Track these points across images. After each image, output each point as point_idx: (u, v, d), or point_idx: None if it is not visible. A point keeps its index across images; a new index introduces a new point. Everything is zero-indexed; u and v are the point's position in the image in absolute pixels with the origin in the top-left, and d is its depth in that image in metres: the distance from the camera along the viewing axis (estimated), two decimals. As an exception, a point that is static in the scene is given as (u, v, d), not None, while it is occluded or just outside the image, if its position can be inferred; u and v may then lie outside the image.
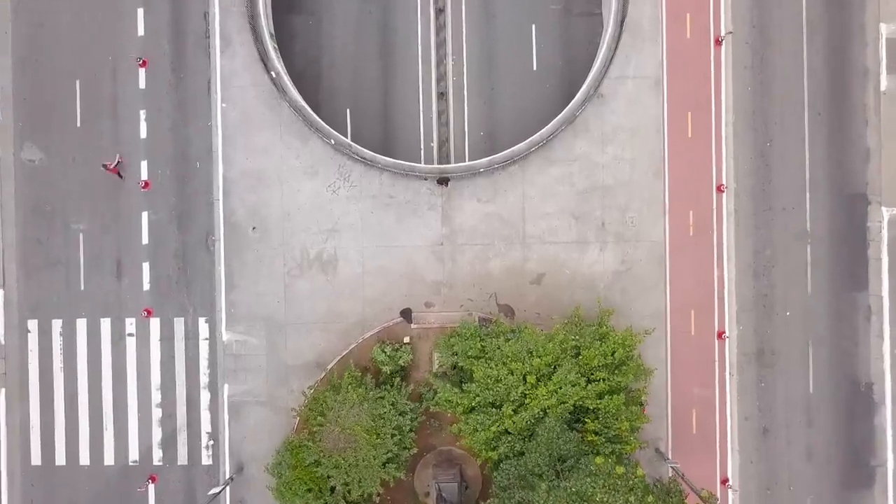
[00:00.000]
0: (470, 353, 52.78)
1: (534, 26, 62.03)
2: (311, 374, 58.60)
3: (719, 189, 58.84)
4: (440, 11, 61.55)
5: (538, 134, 58.62)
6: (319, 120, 58.87)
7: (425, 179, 58.79)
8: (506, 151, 58.58)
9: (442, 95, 62.43)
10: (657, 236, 58.87)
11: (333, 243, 58.82)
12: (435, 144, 62.72)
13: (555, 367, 51.81)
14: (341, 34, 62.56)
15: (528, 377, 50.94)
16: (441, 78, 62.13)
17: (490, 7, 61.80)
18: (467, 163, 59.09)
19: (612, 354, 52.18)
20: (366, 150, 58.72)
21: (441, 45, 61.93)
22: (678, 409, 58.84)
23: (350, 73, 62.61)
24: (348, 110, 62.79)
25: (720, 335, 58.72)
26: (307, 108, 58.82)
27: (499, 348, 52.29)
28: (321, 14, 62.14)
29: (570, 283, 58.79)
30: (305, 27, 62.58)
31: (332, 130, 58.70)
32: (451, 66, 62.23)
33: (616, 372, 52.31)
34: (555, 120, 58.69)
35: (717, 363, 58.93)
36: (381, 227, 58.78)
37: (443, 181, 58.24)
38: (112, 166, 57.50)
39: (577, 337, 52.81)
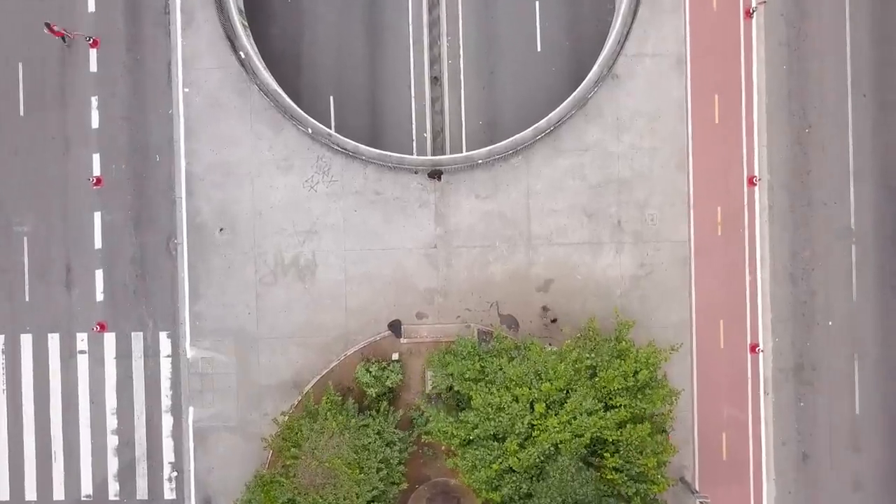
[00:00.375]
0: (467, 376, 41.74)
1: (537, 3, 51.39)
2: (288, 395, 47.68)
3: (751, 182, 47.72)
4: (433, -14, 50.84)
5: (545, 120, 47.69)
6: (294, 106, 47.96)
7: (416, 173, 47.80)
8: (508, 140, 47.67)
9: (436, 80, 51.51)
10: (681, 236, 47.78)
11: (312, 246, 47.78)
12: (428, 135, 51.80)
13: (567, 392, 40.73)
14: (324, 13, 51.94)
15: (537, 405, 39.93)
16: (435, 61, 51.36)
17: (489, -21, 50.99)
18: (464, 153, 48.20)
19: (635, 375, 40.99)
20: (347, 140, 47.79)
21: (434, 24, 51.45)
22: (706, 433, 47.78)
23: (333, 56, 51.89)
24: (331, 98, 51.91)
25: (753, 348, 47.62)
26: (280, 93, 47.88)
27: (501, 369, 41.25)
28: (301, -10, 51.40)
29: (582, 289, 47.74)
30: (284, 6, 51.83)
31: (308, 118, 47.81)
32: (446, 47, 51.63)
33: (639, 396, 41.25)
34: (564, 104, 47.73)
35: (749, 380, 47.93)
36: (365, 227, 47.75)
37: (435, 175, 47.20)
38: (58, 28, 46.29)
39: (592, 355, 41.64)
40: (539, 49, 51.63)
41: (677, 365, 47.05)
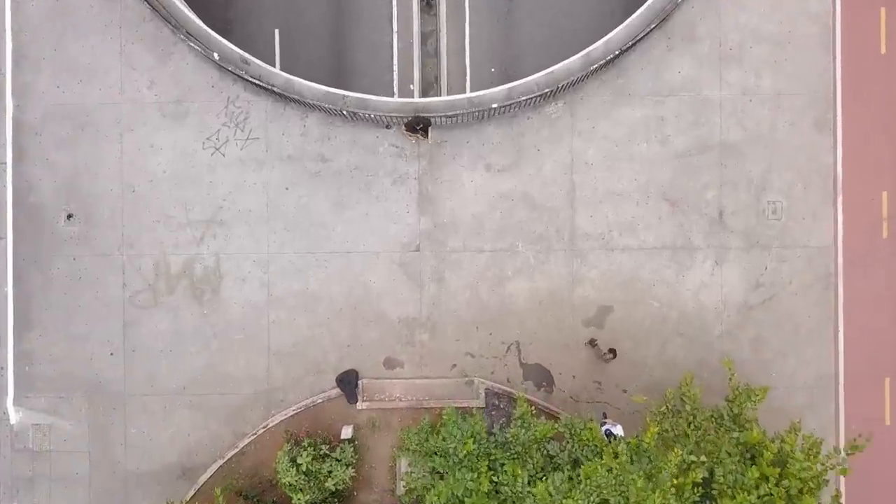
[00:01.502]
0: (467, 505, 17.70)
1: None
2: (172, 489, 24.36)
3: (939, 151, 23.96)
4: None
5: (602, 42, 24.16)
6: (190, 15, 24.26)
7: (388, 128, 24.08)
8: (540, 74, 24.09)
9: (429, 7, 28.62)
10: (821, 239, 24.29)
11: (215, 245, 24.23)
12: (416, 86, 28.34)
13: (666, 542, 16.59)
14: None
15: (610, 583, 15.82)
16: (428, -20, 27.83)
17: None
18: (467, 94, 24.25)
19: (788, 502, 16.91)
20: (276, 71, 24.28)
21: (427, -77, 27.95)
22: (862, 565, 23.78)
23: (281, -28, 28.18)
24: (277, 32, 28.02)
25: (941, 426, 23.67)
26: (168, -7, 24.21)
27: (531, 493, 16.92)
28: None
29: (659, 325, 24.15)
30: None
31: (214, 34, 24.15)
32: (445, -39, 28.03)
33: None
34: (633, 17, 24.10)
35: (934, 478, 23.77)
36: (304, 215, 24.34)
37: (418, 127, 23.32)
38: None
39: (701, 458, 17.57)
40: (579, -36, 28.17)
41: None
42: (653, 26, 24.34)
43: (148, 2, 24.76)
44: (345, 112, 24.36)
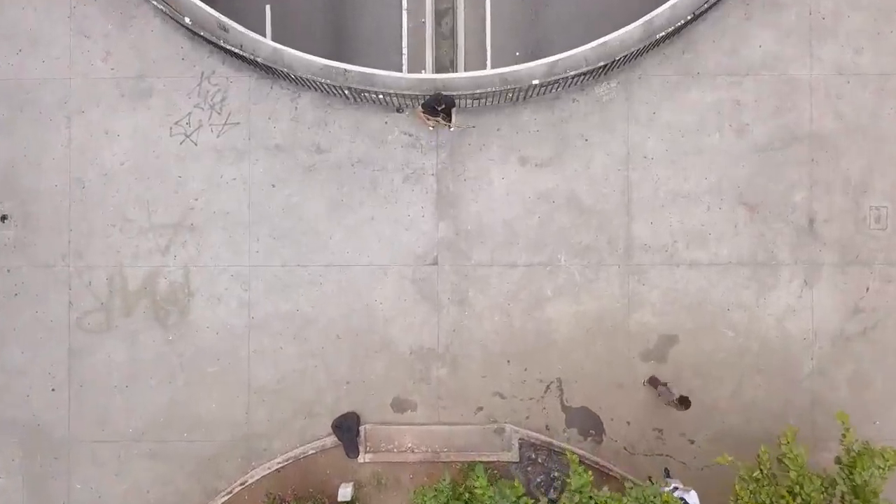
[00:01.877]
0: None
1: None
2: (128, 558, 18.17)
3: None
4: None
5: (667, 6, 18.15)
6: None
7: (399, 111, 18.40)
8: (588, 46, 18.20)
9: (445, -19, 22.43)
10: (935, 253, 18.57)
11: (184, 255, 18.52)
12: (429, 69, 22.07)
13: None
14: None
15: None
16: (443, -51, 22.31)
17: None
18: (499, 70, 18.41)
19: None
20: (262, 39, 18.58)
21: None
22: None
23: (275, -62, 22.44)
24: (268, 8, 22.07)
25: None
26: (128, -58, 18.62)
27: None
28: None
29: (735, 358, 18.60)
30: None
31: None
32: (464, -74, 22.48)
33: None
34: (706, -25, 18.28)
35: None
36: (294, 219, 18.80)
37: (437, 107, 17.58)
38: None
39: None
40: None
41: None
42: (728, -11, 18.83)
43: (104, -47, 19.22)
44: (346, 91, 18.86)
